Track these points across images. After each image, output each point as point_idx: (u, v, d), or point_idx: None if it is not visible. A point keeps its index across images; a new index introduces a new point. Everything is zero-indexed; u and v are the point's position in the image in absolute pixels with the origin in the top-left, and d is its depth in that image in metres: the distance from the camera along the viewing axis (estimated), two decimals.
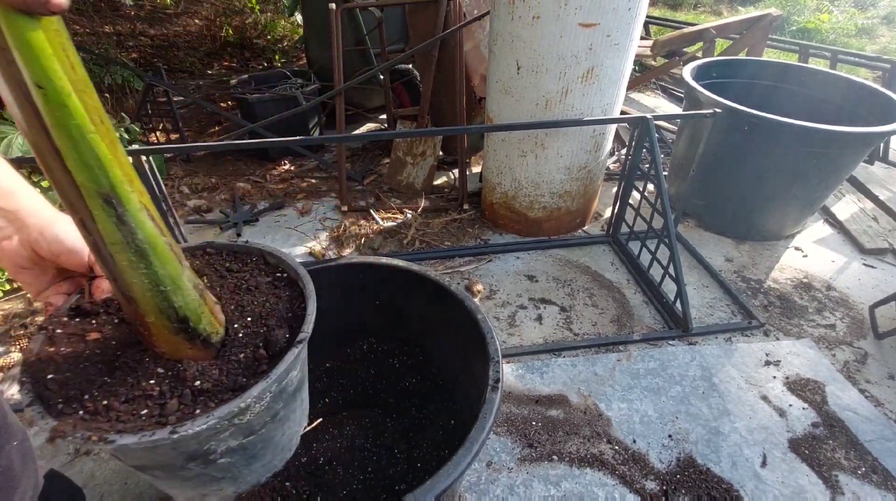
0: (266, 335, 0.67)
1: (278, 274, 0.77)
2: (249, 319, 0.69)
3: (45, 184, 1.98)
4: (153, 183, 1.65)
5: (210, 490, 0.69)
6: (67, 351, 0.61)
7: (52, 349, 0.61)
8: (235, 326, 0.67)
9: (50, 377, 0.58)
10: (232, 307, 0.70)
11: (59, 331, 0.63)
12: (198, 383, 0.60)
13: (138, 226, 0.51)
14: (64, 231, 0.63)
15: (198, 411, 0.57)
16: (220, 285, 0.72)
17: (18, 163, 1.64)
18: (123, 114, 2.73)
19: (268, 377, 0.60)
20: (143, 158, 1.58)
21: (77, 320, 0.65)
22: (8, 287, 1.86)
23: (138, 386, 0.59)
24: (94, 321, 0.66)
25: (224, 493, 0.70)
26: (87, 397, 0.57)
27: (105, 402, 0.58)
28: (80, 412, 0.55)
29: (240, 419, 0.60)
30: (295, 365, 0.65)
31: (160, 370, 0.61)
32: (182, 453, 0.60)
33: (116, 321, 0.67)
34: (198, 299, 0.60)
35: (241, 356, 0.64)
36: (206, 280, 0.72)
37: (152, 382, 0.59)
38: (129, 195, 0.49)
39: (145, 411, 0.57)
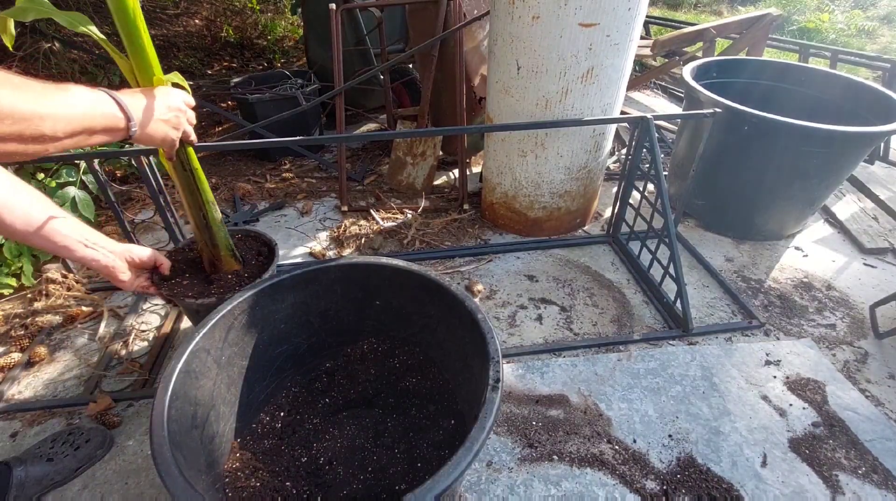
0: (261, 256, 1.47)
1: (254, 237, 1.55)
2: (251, 253, 1.48)
3: (52, 184, 2.00)
4: (153, 183, 1.65)
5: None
6: (181, 277, 1.37)
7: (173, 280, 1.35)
8: (246, 256, 1.45)
9: (185, 282, 1.35)
10: (241, 250, 1.47)
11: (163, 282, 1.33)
12: (247, 275, 1.37)
13: (218, 215, 1.29)
14: (140, 249, 1.19)
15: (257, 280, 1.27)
16: None
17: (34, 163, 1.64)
18: None
19: (272, 263, 1.41)
20: (144, 158, 1.58)
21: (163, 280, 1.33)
22: (10, 291, 1.86)
23: (226, 280, 1.35)
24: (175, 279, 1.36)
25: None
26: (212, 287, 1.33)
27: (221, 290, 1.32)
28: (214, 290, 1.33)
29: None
30: (276, 262, 1.42)
31: (229, 277, 1.36)
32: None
33: (186, 274, 1.39)
34: (233, 245, 1.38)
35: (254, 262, 1.43)
36: None
37: (228, 278, 1.36)
38: (215, 204, 1.28)
39: (238, 289, 1.22)
